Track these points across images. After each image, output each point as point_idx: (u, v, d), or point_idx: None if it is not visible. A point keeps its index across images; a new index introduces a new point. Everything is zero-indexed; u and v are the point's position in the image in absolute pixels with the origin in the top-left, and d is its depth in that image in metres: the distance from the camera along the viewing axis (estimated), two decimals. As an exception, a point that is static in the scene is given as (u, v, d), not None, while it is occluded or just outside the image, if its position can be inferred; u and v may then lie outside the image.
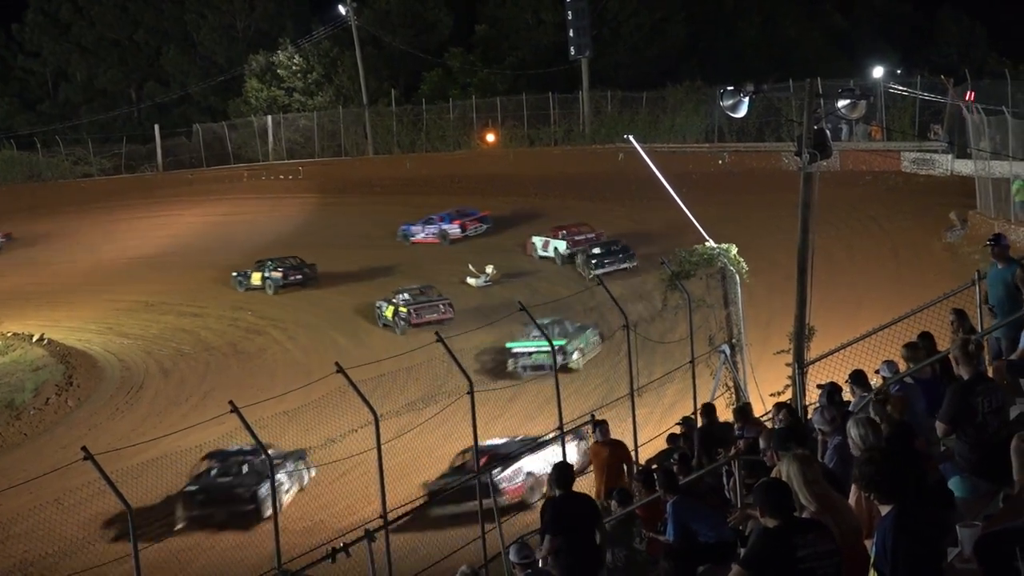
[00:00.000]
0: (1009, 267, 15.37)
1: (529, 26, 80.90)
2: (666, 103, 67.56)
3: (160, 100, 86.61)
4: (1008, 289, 15.11)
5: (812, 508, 8.40)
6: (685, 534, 13.04)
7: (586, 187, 60.10)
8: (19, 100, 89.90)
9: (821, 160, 19.15)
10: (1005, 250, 15.67)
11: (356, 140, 78.07)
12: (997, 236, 16.07)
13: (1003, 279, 15.28)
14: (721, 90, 19.59)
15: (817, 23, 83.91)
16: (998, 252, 15.52)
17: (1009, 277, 15.17)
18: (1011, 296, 14.99)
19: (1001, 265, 15.46)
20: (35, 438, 38.62)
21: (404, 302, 44.42)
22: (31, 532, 26.99)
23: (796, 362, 19.89)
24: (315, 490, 27.95)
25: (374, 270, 52.52)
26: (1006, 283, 15.19)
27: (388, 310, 44.92)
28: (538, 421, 30.33)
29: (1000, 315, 14.97)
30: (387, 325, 44.85)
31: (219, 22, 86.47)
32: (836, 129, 53.12)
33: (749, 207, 49.24)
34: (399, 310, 44.29)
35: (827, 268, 33.12)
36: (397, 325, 44.11)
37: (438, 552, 21.40)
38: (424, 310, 44.04)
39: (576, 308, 40.50)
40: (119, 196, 74.23)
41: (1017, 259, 15.97)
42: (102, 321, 50.91)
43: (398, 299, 44.78)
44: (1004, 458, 9.10)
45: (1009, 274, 15.21)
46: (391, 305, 44.85)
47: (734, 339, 27.80)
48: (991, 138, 40.92)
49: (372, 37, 79.62)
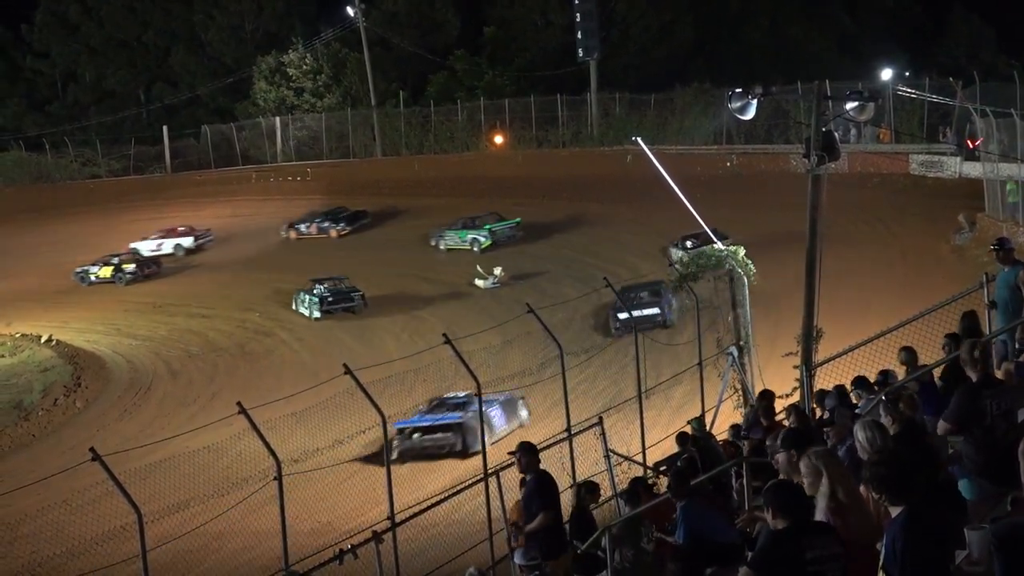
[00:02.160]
0: (1013, 269, 15.54)
1: (537, 28, 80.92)
2: (674, 105, 67.52)
3: (168, 101, 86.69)
4: (1012, 291, 15.27)
5: (833, 505, 8.40)
6: (695, 537, 13.04)
7: (594, 189, 60.06)
8: (28, 101, 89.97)
9: (829, 162, 19.13)
10: (1010, 253, 15.84)
11: (364, 142, 78.05)
12: (1001, 240, 16.18)
13: (1007, 281, 15.47)
14: (729, 92, 19.58)
15: (824, 25, 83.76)
16: (1003, 256, 15.69)
17: (1012, 279, 15.36)
18: (1015, 297, 15.12)
19: (1006, 268, 15.61)
20: (43, 439, 38.69)
21: (320, 292, 48.38)
22: (39, 533, 27.01)
23: (804, 364, 19.87)
24: (323, 491, 27.89)
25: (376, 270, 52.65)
26: (1009, 285, 15.37)
27: (304, 299, 48.83)
28: (546, 423, 30.32)
29: (1004, 317, 15.02)
30: (303, 312, 48.79)
31: (227, 23, 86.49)
32: (846, 131, 53.12)
33: (757, 209, 49.18)
34: (315, 299, 48.17)
35: (835, 270, 33.07)
36: (312, 313, 48.18)
37: (446, 554, 21.39)
38: (339, 300, 48.34)
39: (584, 309, 40.50)
40: (127, 197, 74.34)
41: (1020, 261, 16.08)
42: (110, 322, 51.01)
43: (318, 289, 48.61)
44: (1012, 461, 9.08)
45: (1013, 276, 15.40)
46: (308, 295, 48.64)
47: (742, 341, 27.75)
48: (999, 140, 40.87)
49: (380, 38, 79.62)
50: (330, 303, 48.29)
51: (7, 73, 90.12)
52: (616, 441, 24.45)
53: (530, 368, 35.68)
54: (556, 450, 22.07)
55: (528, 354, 34.10)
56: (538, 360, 35.43)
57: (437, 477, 28.09)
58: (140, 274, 57.95)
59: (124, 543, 21.11)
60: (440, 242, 57.09)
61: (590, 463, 22.98)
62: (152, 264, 59.38)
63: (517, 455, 14.73)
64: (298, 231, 62.60)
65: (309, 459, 30.16)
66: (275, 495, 18.78)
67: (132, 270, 57.86)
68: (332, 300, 48.39)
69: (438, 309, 46.10)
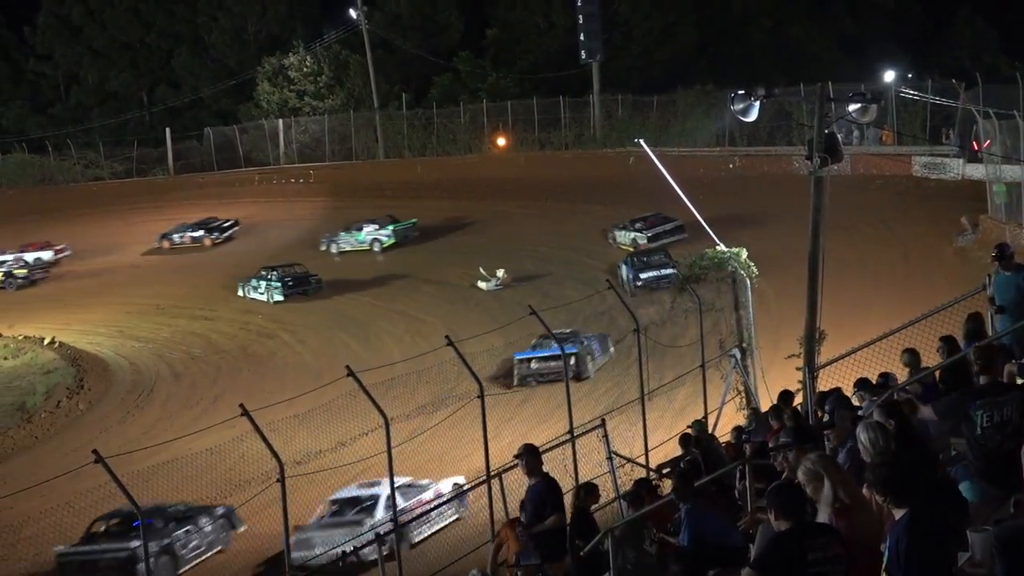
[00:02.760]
0: (1018, 272, 15.77)
1: (540, 30, 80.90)
2: (677, 107, 67.49)
3: (171, 103, 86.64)
4: (1020, 293, 15.45)
5: (837, 506, 8.40)
6: (699, 540, 13.02)
7: (597, 191, 60.05)
8: (31, 103, 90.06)
9: (832, 164, 19.14)
10: (1011, 258, 16.05)
11: (367, 144, 78.06)
12: (1001, 246, 16.33)
13: (1015, 284, 15.64)
14: (732, 94, 19.58)
15: (827, 27, 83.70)
16: (1005, 263, 15.91)
17: (1020, 281, 15.55)
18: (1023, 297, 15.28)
19: (1009, 272, 15.81)
20: (46, 441, 38.71)
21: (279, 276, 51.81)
22: (42, 535, 27.01)
23: (807, 366, 19.87)
24: (325, 493, 27.90)
25: (379, 273, 52.69)
26: (1018, 287, 15.54)
27: (260, 285, 51.91)
28: (548, 425, 30.29)
29: (1014, 318, 15.14)
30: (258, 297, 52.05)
31: (230, 25, 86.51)
32: (848, 133, 53.09)
33: (759, 211, 49.18)
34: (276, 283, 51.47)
35: (838, 272, 33.06)
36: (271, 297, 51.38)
37: (448, 555, 21.41)
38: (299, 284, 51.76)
39: (586, 312, 40.50)
40: (130, 199, 74.34)
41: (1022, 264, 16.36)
42: (113, 324, 51.04)
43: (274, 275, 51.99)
44: (1013, 464, 9.09)
45: (1020, 278, 15.61)
46: (264, 281, 51.86)
47: (744, 343, 27.77)
48: (1002, 142, 40.83)
49: (383, 40, 79.65)
50: (291, 286, 51.41)
51: (10, 75, 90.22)
52: (619, 443, 24.46)
53: (533, 370, 35.80)
54: (559, 452, 22.07)
55: (531, 356, 34.13)
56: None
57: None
58: (28, 280, 60.40)
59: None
60: (333, 246, 59.25)
61: (593, 465, 22.99)
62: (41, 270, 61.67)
63: (522, 457, 14.74)
64: (171, 241, 65.12)
65: (312, 461, 30.18)
66: (278, 497, 18.80)
67: (23, 276, 60.00)
68: (292, 284, 51.54)
69: (440, 311, 46.09)
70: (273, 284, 51.61)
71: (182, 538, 26.21)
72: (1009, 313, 15.47)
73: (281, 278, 51.77)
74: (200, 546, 26.72)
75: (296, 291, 51.46)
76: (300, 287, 51.76)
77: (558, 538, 14.65)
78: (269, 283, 51.79)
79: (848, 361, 18.88)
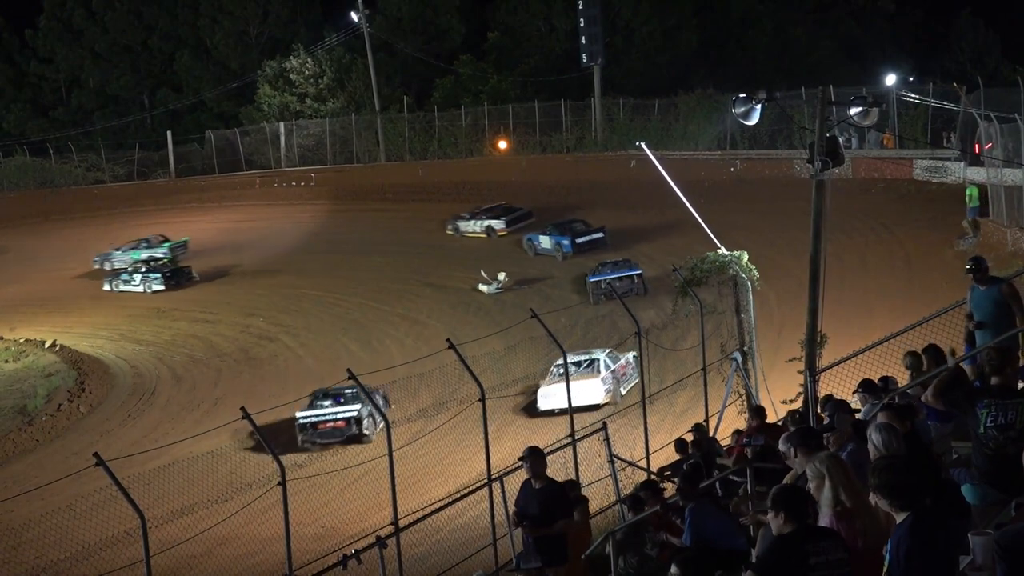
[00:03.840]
0: (994, 286, 15.49)
1: (541, 33, 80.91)
2: (678, 110, 67.46)
3: (173, 106, 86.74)
4: (998, 306, 15.21)
5: (839, 509, 8.40)
6: (701, 541, 13.02)
7: (598, 194, 60.08)
8: (32, 106, 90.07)
9: (833, 168, 19.16)
10: (986, 272, 15.74)
11: (368, 147, 78.04)
12: (976, 260, 15.88)
13: (991, 298, 15.34)
14: (733, 97, 19.60)
15: (828, 30, 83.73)
16: (980, 277, 15.57)
17: (997, 294, 15.30)
18: (1004, 313, 15.12)
19: (984, 286, 15.50)
20: (47, 444, 38.68)
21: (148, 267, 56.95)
22: (43, 538, 27.02)
23: (808, 369, 19.89)
24: (326, 496, 27.93)
25: (380, 278, 52.67)
26: (995, 301, 15.27)
27: (134, 278, 56.38)
28: (550, 428, 30.31)
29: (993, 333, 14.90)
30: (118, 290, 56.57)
31: (232, 28, 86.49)
32: (849, 136, 53.11)
33: (761, 214, 49.21)
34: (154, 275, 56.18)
35: (839, 276, 33.20)
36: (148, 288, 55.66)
37: (449, 559, 21.40)
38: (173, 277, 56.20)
39: (587, 314, 40.52)
40: (131, 203, 74.44)
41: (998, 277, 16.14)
42: (114, 327, 51.04)
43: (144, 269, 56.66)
44: (1016, 468, 9.08)
45: (996, 291, 15.34)
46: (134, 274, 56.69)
47: (746, 346, 27.75)
48: (1004, 146, 40.87)
49: (384, 43, 79.67)
50: (169, 277, 56.10)
51: (12, 78, 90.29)
52: (620, 446, 24.47)
53: (534, 373, 35.75)
54: (560, 455, 22.08)
55: (532, 359, 34.13)
56: (542, 365, 35.53)
57: (441, 482, 28.08)
58: None
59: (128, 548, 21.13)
60: (106, 263, 61.08)
61: (594, 468, 22.99)
62: None
63: (528, 460, 14.70)
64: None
65: (313, 464, 30.25)
66: (279, 500, 18.80)
67: None
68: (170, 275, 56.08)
69: (441, 314, 46.10)
70: (151, 276, 56.18)
71: None
72: (989, 329, 15.18)
73: (155, 270, 56.65)
74: None
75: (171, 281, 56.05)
76: (174, 278, 56.25)
77: (560, 544, 14.65)
78: (145, 276, 56.21)
79: (849, 364, 18.91)
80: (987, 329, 15.19)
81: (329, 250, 58.96)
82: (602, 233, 52.92)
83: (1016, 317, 14.89)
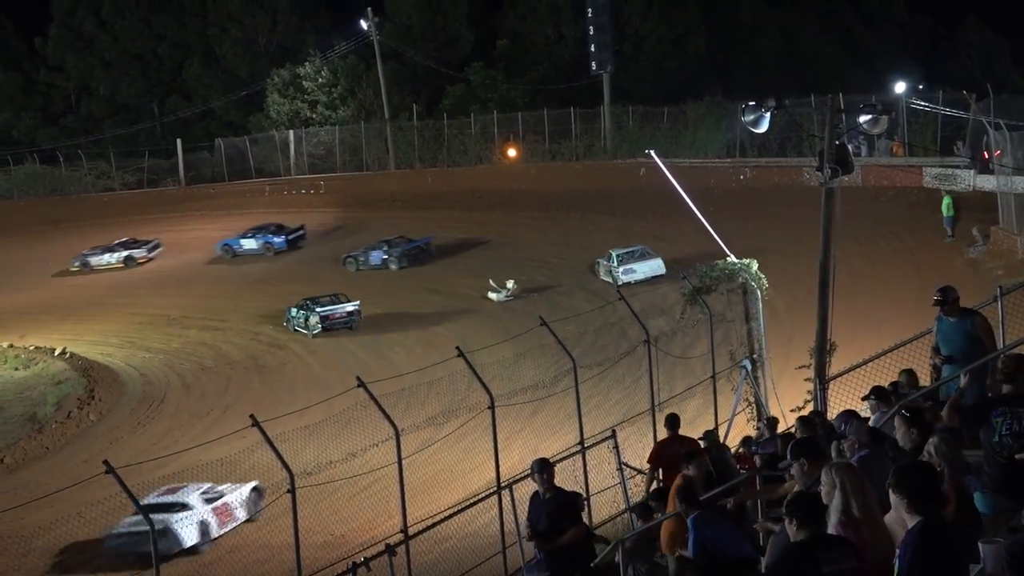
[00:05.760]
0: (966, 319, 14.98)
1: (550, 41, 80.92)
2: (687, 118, 67.40)
3: (182, 114, 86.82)
4: (970, 340, 14.71)
5: (843, 519, 8.38)
6: (704, 550, 12.98)
7: (607, 202, 60.09)
8: (42, 114, 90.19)
9: (843, 175, 19.17)
10: (956, 304, 15.12)
11: (378, 155, 78.06)
12: (944, 290, 15.17)
13: (963, 331, 14.83)
14: (743, 105, 19.63)
15: (837, 37, 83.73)
16: (949, 309, 15.01)
17: (970, 328, 14.81)
18: (975, 348, 14.57)
19: (954, 318, 14.98)
20: (57, 451, 38.75)
21: None
22: (53, 546, 27.08)
23: (817, 377, 19.90)
24: (336, 504, 27.93)
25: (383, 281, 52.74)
26: (967, 335, 14.78)
27: None
28: (559, 436, 30.29)
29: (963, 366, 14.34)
30: None
31: (242, 36, 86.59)
32: (858, 144, 53.06)
33: (770, 222, 49.17)
34: None
35: (849, 283, 33.12)
36: None
37: (458, 567, 21.40)
38: None
39: (596, 323, 40.48)
40: (141, 211, 74.54)
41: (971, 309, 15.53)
42: (123, 335, 51.13)
43: None
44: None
45: (968, 325, 14.85)
46: None
47: (755, 354, 27.72)
48: (1014, 154, 40.80)
49: (394, 52, 79.74)
50: None
51: (22, 86, 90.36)
52: (629, 454, 24.45)
53: (543, 381, 35.67)
54: (569, 463, 22.07)
55: (541, 367, 34.07)
56: (551, 373, 35.47)
57: (451, 490, 28.07)
58: None
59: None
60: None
61: (604, 476, 22.98)
62: None
63: (542, 472, 14.52)
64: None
65: (322, 472, 30.19)
66: (288, 508, 18.82)
67: None
68: None
69: (451, 322, 46.11)
70: None
71: None
72: (959, 364, 14.55)
73: None
74: None
75: None
76: None
77: (570, 553, 14.63)
78: None
79: (859, 373, 18.88)
80: (956, 365, 14.64)
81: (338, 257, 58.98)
82: None
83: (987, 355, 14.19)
